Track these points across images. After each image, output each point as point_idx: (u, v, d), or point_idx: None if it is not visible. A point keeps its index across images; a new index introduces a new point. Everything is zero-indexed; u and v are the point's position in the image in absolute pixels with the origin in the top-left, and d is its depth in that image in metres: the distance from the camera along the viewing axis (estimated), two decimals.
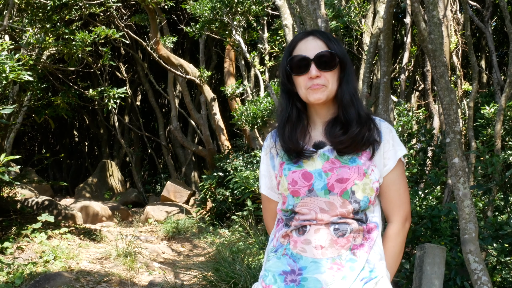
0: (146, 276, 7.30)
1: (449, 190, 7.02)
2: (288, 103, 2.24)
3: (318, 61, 2.11)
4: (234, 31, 11.51)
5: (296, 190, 2.10)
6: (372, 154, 2.12)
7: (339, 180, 2.05)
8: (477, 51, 14.96)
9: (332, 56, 2.12)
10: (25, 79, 6.92)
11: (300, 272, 2.05)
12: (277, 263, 2.13)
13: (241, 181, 9.68)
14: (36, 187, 13.52)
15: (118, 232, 10.02)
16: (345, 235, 2.05)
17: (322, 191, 2.06)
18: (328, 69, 2.12)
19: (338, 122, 2.15)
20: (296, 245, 2.09)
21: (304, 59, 2.13)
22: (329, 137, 2.14)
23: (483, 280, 3.61)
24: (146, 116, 23.54)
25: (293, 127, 2.19)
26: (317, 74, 2.10)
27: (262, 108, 10.18)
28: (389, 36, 5.72)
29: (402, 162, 2.20)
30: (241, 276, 5.52)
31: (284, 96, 2.26)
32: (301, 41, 2.19)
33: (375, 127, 2.15)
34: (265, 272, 2.16)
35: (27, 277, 6.52)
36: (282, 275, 2.09)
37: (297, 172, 2.12)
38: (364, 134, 2.10)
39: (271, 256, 2.18)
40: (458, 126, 4.06)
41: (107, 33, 8.33)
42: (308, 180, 2.09)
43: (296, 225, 2.10)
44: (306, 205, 2.08)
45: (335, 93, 2.16)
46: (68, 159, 23.56)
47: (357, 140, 2.08)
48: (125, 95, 9.37)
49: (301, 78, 2.14)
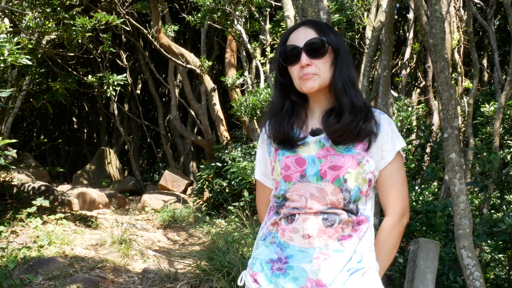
0: (141, 264, 7.30)
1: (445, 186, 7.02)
2: (279, 96, 2.24)
3: (308, 49, 2.10)
4: (236, 21, 11.47)
5: (289, 175, 2.09)
6: (369, 146, 2.10)
7: (332, 167, 2.04)
8: (479, 49, 14.93)
9: (322, 43, 2.10)
10: (23, 63, 6.90)
11: (287, 260, 2.04)
12: (264, 251, 2.13)
13: (239, 171, 9.67)
14: (33, 172, 13.51)
15: (114, 219, 10.02)
16: (333, 225, 2.03)
17: (314, 177, 2.05)
18: (319, 56, 2.10)
19: (333, 111, 2.13)
20: (284, 234, 2.08)
21: (295, 48, 2.12)
22: (324, 125, 2.12)
23: (475, 276, 3.61)
24: (146, 105, 23.52)
25: (284, 118, 2.19)
26: (308, 62, 2.09)
27: (262, 99, 10.16)
28: (391, 30, 5.69)
29: (401, 156, 2.18)
30: (234, 265, 5.52)
31: (277, 88, 2.26)
32: (293, 32, 2.18)
33: (373, 119, 2.13)
34: (253, 260, 2.16)
35: (21, 261, 6.51)
36: (269, 263, 2.08)
37: (291, 158, 2.11)
38: (359, 124, 2.07)
39: (259, 244, 2.18)
40: (457, 122, 4.05)
41: (108, 19, 8.30)
42: (301, 165, 2.08)
43: (285, 213, 2.09)
44: (297, 191, 2.07)
45: (330, 81, 2.14)
46: (67, 146, 23.54)
47: (351, 129, 2.06)
48: (124, 83, 9.36)
49: (294, 68, 2.13)
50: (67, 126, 23.99)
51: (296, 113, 2.20)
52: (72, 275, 6.15)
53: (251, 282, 2.11)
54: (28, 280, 5.85)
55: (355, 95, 2.13)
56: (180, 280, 6.08)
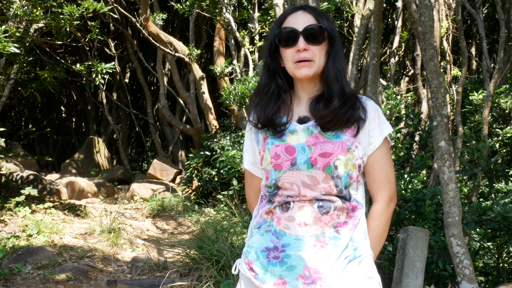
0: (130, 253, 7.30)
1: (434, 175, 7.05)
2: (266, 77, 2.23)
3: (307, 34, 2.09)
4: (224, 9, 11.43)
5: (279, 164, 2.08)
6: (357, 132, 2.10)
7: (322, 154, 2.03)
8: (468, 38, 14.97)
9: (321, 30, 2.10)
10: (11, 51, 6.86)
11: (283, 249, 2.04)
12: (260, 240, 2.11)
13: (228, 160, 9.67)
14: (22, 161, 13.45)
15: (103, 208, 10.00)
16: (329, 212, 2.03)
17: (304, 165, 2.04)
18: (316, 43, 2.10)
19: (322, 98, 2.13)
20: (280, 222, 2.08)
21: (293, 31, 2.10)
22: (312, 112, 2.12)
23: (464, 264, 3.63)
24: (134, 94, 23.43)
25: (270, 100, 2.18)
26: (305, 47, 2.08)
27: (251, 87, 10.14)
28: (380, 18, 5.69)
29: (388, 141, 2.19)
30: (223, 254, 5.52)
31: (265, 72, 2.24)
32: (291, 15, 2.17)
33: (360, 105, 2.13)
34: (248, 248, 2.14)
35: (10, 250, 6.49)
36: (265, 252, 2.07)
37: (280, 146, 2.10)
38: (348, 110, 2.07)
39: (254, 233, 2.16)
40: (446, 110, 4.06)
41: (96, 7, 8.24)
42: (291, 154, 2.07)
43: (280, 202, 2.08)
44: (289, 179, 2.06)
45: (322, 69, 2.13)
46: (55, 135, 23.42)
47: (339, 115, 2.06)
48: (113, 71, 9.32)
49: (289, 51, 2.12)
50: (55, 115, 23.86)
51: (282, 98, 2.19)
52: (61, 264, 6.14)
53: (246, 270, 2.10)
54: (17, 269, 5.83)
55: (345, 82, 2.14)
56: (170, 268, 6.08)
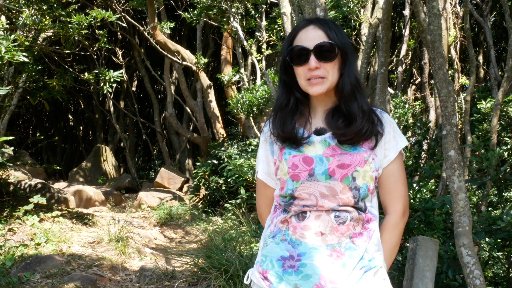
0: (138, 261, 7.30)
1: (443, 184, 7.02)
2: (283, 93, 2.22)
3: (318, 52, 2.07)
4: (232, 18, 11.45)
5: (297, 174, 2.07)
6: (375, 145, 2.11)
7: (340, 165, 2.03)
8: (475, 46, 14.95)
9: (332, 47, 2.07)
10: (20, 60, 6.88)
11: (299, 258, 2.02)
12: (275, 249, 2.10)
13: (235, 169, 9.66)
14: (30, 170, 13.47)
15: (111, 217, 10.00)
16: (345, 222, 2.02)
17: (322, 176, 2.03)
18: (328, 61, 2.08)
19: (339, 112, 2.12)
20: (296, 231, 2.06)
21: (304, 50, 2.08)
22: (330, 126, 2.11)
23: (475, 274, 3.60)
24: (141, 102, 23.47)
25: (288, 116, 2.17)
26: (317, 66, 2.06)
27: (258, 96, 10.15)
28: (388, 26, 5.69)
29: (402, 154, 2.19)
30: (232, 263, 5.51)
31: (281, 86, 2.23)
32: (302, 30, 2.15)
33: (377, 119, 2.14)
34: (262, 258, 2.12)
35: (18, 259, 6.50)
36: (280, 261, 2.06)
37: (298, 157, 2.09)
38: (368, 127, 2.08)
39: (268, 242, 2.15)
40: (455, 119, 4.04)
41: (104, 16, 8.28)
42: (309, 164, 2.06)
43: (296, 211, 2.07)
44: (306, 190, 2.05)
45: (336, 83, 2.12)
46: (63, 143, 23.49)
47: (361, 134, 2.06)
48: (120, 79, 9.34)
49: (301, 69, 2.11)
50: (63, 123, 23.93)
51: (300, 110, 2.18)
52: (70, 273, 6.14)
53: (260, 280, 2.09)
54: (25, 278, 5.84)
55: (362, 99, 2.13)
56: (178, 278, 6.08)
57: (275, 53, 13.06)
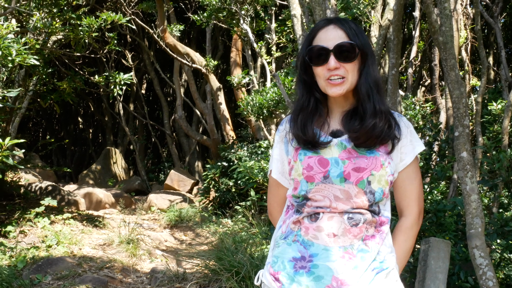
0: (148, 263, 7.31)
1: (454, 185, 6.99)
2: (304, 93, 2.20)
3: (338, 52, 2.05)
4: (241, 20, 11.46)
5: (311, 176, 2.06)
6: (391, 150, 2.09)
7: (356, 169, 2.02)
8: (486, 47, 14.85)
9: (352, 48, 2.05)
10: (31, 63, 6.92)
11: (311, 259, 2.02)
12: (287, 249, 2.09)
13: (245, 171, 9.65)
14: (40, 172, 13.53)
15: (121, 219, 10.03)
16: (358, 224, 2.02)
17: (337, 179, 2.03)
18: (348, 61, 2.06)
19: (356, 114, 2.11)
20: (308, 232, 2.05)
21: (323, 50, 2.06)
22: (346, 128, 2.10)
23: (488, 276, 3.59)
24: (151, 105, 23.52)
25: (308, 117, 2.14)
26: (336, 66, 2.05)
27: (268, 98, 10.13)
28: (399, 28, 5.67)
29: (417, 158, 2.18)
30: (243, 265, 5.51)
31: (301, 86, 2.21)
32: (322, 30, 2.12)
33: (395, 123, 2.12)
34: (274, 259, 2.11)
35: (30, 261, 6.53)
36: (292, 262, 2.05)
37: (313, 158, 2.08)
38: (382, 129, 2.05)
39: (280, 243, 2.14)
40: (467, 120, 4.03)
41: (113, 19, 8.31)
42: (324, 166, 2.05)
43: (309, 212, 2.06)
44: (320, 192, 2.04)
45: (355, 84, 2.11)
46: (72, 146, 23.57)
47: (374, 134, 2.04)
48: (130, 82, 9.36)
49: (320, 69, 2.09)
50: (72, 126, 24.02)
51: (319, 111, 2.17)
52: (81, 275, 6.16)
53: (271, 281, 2.08)
54: (37, 280, 5.86)
55: (378, 99, 2.10)
56: (189, 280, 6.08)
57: (285, 55, 13.06)
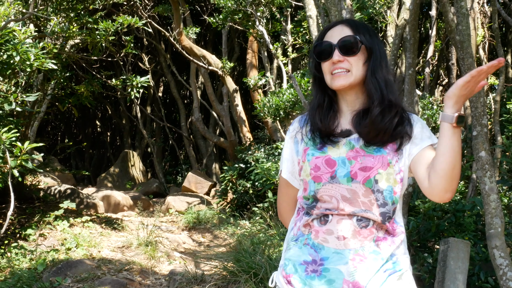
0: (167, 266, 7.33)
1: (473, 185, 6.95)
2: (318, 91, 2.22)
3: (341, 45, 2.09)
4: (257, 22, 11.47)
5: (318, 176, 2.06)
6: (399, 147, 2.06)
7: (362, 168, 2.02)
8: (503, 45, 14.70)
9: (355, 40, 2.08)
10: (49, 67, 6.97)
11: (322, 262, 2.02)
12: (298, 253, 2.10)
13: (263, 172, 9.66)
14: (59, 175, 13.63)
15: (139, 221, 10.07)
16: (368, 226, 2.01)
17: (344, 178, 2.03)
18: (351, 54, 2.08)
19: (367, 114, 2.09)
20: (318, 235, 2.06)
21: (328, 45, 2.11)
22: (356, 127, 2.10)
23: (508, 276, 3.56)
24: (168, 107, 23.58)
25: (325, 113, 2.16)
26: (340, 59, 2.08)
27: (285, 99, 10.14)
28: (415, 27, 5.65)
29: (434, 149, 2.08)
30: (261, 267, 5.51)
31: (315, 84, 2.24)
32: (330, 30, 2.18)
33: (407, 120, 2.10)
34: (285, 261, 2.12)
35: (50, 264, 6.59)
36: (303, 265, 2.06)
37: (320, 158, 2.08)
38: (392, 121, 2.04)
39: (291, 245, 2.15)
40: (485, 119, 4.00)
41: (130, 22, 8.36)
42: (331, 166, 2.06)
43: (318, 214, 2.07)
44: (328, 192, 2.04)
45: (363, 81, 2.11)
46: (91, 149, 23.69)
47: (383, 126, 2.02)
48: (147, 85, 9.41)
49: (326, 64, 2.12)
50: (90, 129, 24.15)
51: (333, 109, 2.18)
52: (100, 277, 6.20)
53: (284, 283, 2.09)
54: (57, 283, 5.91)
55: (387, 92, 2.08)
56: (207, 281, 6.09)
57: (301, 56, 13.05)
